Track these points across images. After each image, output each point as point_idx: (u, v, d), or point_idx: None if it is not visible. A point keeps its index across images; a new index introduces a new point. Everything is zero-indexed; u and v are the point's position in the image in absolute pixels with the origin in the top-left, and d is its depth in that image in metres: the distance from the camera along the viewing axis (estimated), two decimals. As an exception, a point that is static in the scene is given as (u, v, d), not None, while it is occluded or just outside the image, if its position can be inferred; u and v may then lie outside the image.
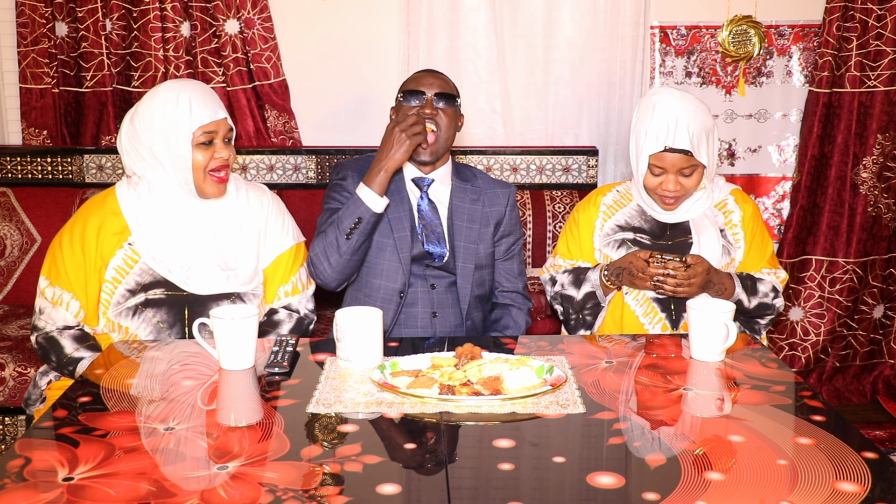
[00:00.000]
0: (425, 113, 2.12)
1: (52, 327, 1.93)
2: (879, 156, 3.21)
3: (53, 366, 1.94)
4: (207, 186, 1.94)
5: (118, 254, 1.92)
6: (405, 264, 2.15)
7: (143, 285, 1.91)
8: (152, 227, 1.93)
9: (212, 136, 1.92)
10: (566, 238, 2.30)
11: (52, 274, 1.93)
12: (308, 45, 3.31)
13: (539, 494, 1.17)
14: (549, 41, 3.32)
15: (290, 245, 2.09)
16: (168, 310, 1.92)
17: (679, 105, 2.06)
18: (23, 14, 3.21)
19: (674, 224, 2.21)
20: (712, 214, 2.21)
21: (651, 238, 2.20)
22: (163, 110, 1.89)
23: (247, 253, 2.00)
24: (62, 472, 1.20)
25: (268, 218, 2.06)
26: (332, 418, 1.40)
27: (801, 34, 3.26)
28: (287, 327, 2.05)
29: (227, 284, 1.95)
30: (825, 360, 3.41)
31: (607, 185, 2.35)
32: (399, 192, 2.19)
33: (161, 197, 1.95)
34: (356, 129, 3.39)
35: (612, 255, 2.20)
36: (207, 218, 1.98)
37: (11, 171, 3.28)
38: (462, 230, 2.20)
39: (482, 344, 1.75)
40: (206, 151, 1.92)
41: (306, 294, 2.11)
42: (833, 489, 1.16)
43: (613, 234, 2.22)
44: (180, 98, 1.90)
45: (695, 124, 2.06)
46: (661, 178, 2.11)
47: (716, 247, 2.14)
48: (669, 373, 1.63)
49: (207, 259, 1.94)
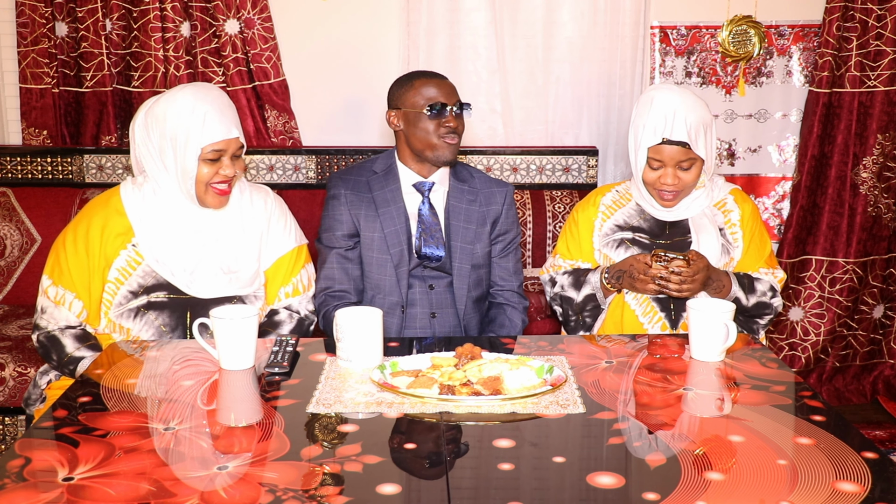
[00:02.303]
0: (450, 126, 2.12)
1: (54, 326, 1.92)
2: (879, 156, 3.21)
3: (54, 364, 1.94)
4: (209, 198, 1.94)
5: (122, 254, 1.92)
6: (403, 278, 2.16)
7: (145, 287, 1.91)
8: (156, 229, 1.93)
9: (220, 153, 1.92)
10: (566, 238, 2.30)
11: (56, 273, 1.93)
12: (308, 45, 3.31)
13: (539, 494, 1.17)
14: (549, 41, 3.32)
15: (291, 247, 2.09)
16: (170, 313, 1.92)
17: (677, 98, 2.07)
18: (23, 14, 3.21)
19: (673, 223, 2.21)
20: (711, 214, 2.21)
21: (650, 237, 2.20)
22: (177, 118, 1.88)
23: (248, 255, 2.00)
24: (62, 472, 1.20)
25: (270, 219, 2.06)
26: (332, 418, 1.40)
27: (801, 34, 3.26)
28: (288, 328, 2.05)
29: (228, 287, 1.95)
30: (825, 360, 3.41)
31: (607, 186, 2.35)
32: (396, 201, 2.18)
33: (165, 199, 1.95)
34: (356, 129, 3.39)
35: (611, 255, 2.20)
36: (211, 222, 1.98)
37: (11, 171, 3.28)
38: (459, 230, 2.21)
39: (482, 344, 1.75)
40: (212, 167, 1.91)
41: (307, 295, 2.12)
42: (833, 489, 1.16)
43: (612, 233, 2.22)
44: (196, 110, 1.88)
45: (693, 117, 2.06)
46: (659, 171, 2.11)
47: (715, 245, 2.14)
48: (669, 373, 1.63)
49: (210, 263, 1.94)
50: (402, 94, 2.17)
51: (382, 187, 2.20)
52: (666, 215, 2.20)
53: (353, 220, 2.18)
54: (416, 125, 2.13)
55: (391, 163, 2.24)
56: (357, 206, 2.19)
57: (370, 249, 2.18)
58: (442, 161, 2.15)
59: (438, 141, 2.12)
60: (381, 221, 2.17)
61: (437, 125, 2.12)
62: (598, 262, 2.24)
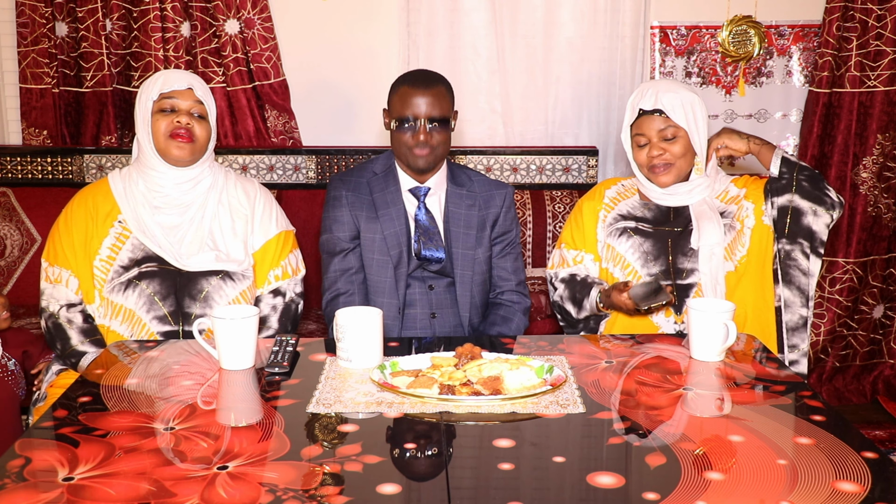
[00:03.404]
0: (419, 140, 2.12)
1: (55, 305, 2.00)
2: (879, 156, 3.21)
3: (58, 353, 2.01)
4: (171, 149, 2.03)
5: (111, 233, 2.01)
6: (401, 279, 2.16)
7: (136, 261, 1.99)
8: (140, 203, 2.03)
9: (171, 103, 2.03)
10: (570, 227, 2.31)
11: (51, 255, 2.03)
12: (308, 45, 3.31)
13: (539, 494, 1.17)
14: (549, 41, 3.32)
15: (276, 232, 2.14)
16: (161, 281, 1.98)
17: (657, 80, 2.11)
18: (23, 14, 3.21)
19: (676, 212, 2.20)
20: (713, 203, 2.21)
21: (653, 225, 2.19)
22: (146, 83, 2.09)
23: (234, 237, 2.07)
24: (62, 472, 1.20)
25: (255, 207, 2.13)
26: (332, 418, 1.40)
27: (801, 34, 3.26)
28: (275, 318, 2.09)
29: (216, 263, 2.01)
30: (825, 360, 3.41)
31: (613, 179, 2.36)
32: (395, 204, 2.19)
33: (147, 175, 2.05)
34: (356, 129, 3.39)
35: (614, 245, 2.19)
36: (194, 195, 2.07)
37: (11, 171, 3.28)
38: (459, 236, 2.20)
39: (482, 344, 1.75)
40: (167, 118, 2.03)
41: (295, 279, 2.16)
42: (833, 489, 1.16)
43: (616, 222, 2.22)
44: (156, 75, 2.09)
45: (670, 94, 2.12)
46: (645, 148, 2.16)
47: (716, 229, 2.14)
48: (669, 373, 1.63)
49: (194, 236, 2.03)
50: (390, 98, 2.20)
51: (382, 189, 2.20)
52: (668, 201, 2.20)
53: (353, 221, 2.19)
54: (393, 133, 2.17)
55: (391, 164, 2.24)
56: (358, 207, 2.19)
57: (370, 251, 2.18)
58: (415, 169, 2.17)
59: (408, 151, 2.14)
60: (380, 223, 2.17)
61: (407, 136, 2.13)
62: (600, 255, 2.24)
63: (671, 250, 2.16)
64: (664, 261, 2.15)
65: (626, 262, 2.17)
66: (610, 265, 2.20)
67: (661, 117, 2.12)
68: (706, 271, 2.12)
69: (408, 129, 2.12)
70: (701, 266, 2.12)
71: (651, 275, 2.14)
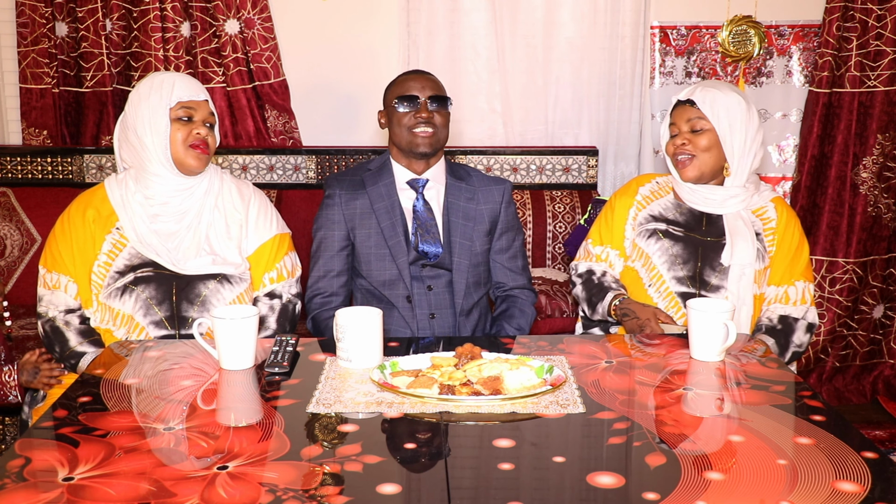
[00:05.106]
0: (422, 117, 2.15)
1: (54, 311, 1.99)
2: (879, 156, 3.21)
3: (56, 356, 2.00)
4: (189, 158, 2.01)
5: (108, 239, 2.00)
6: (404, 269, 2.16)
7: (131, 266, 1.98)
8: (137, 211, 2.01)
9: (190, 112, 2.01)
10: (600, 223, 2.30)
11: (49, 262, 2.02)
12: (308, 45, 3.31)
13: (539, 494, 1.17)
14: (549, 41, 3.32)
15: (271, 235, 2.14)
16: (157, 286, 1.97)
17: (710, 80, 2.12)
18: (23, 14, 3.21)
19: (709, 219, 2.17)
20: (749, 219, 2.16)
21: (685, 230, 2.16)
22: (149, 88, 2.01)
23: (230, 241, 2.06)
24: (62, 472, 1.20)
25: (249, 209, 2.12)
26: (332, 418, 1.40)
27: (801, 34, 3.26)
28: (272, 319, 2.09)
29: (213, 267, 2.01)
30: (825, 360, 3.41)
31: (648, 175, 2.34)
32: (390, 196, 2.20)
33: (146, 183, 2.02)
34: (356, 129, 3.39)
35: (642, 245, 2.18)
36: (191, 202, 2.05)
37: (11, 171, 3.28)
38: (458, 227, 2.21)
39: (482, 344, 1.75)
40: (185, 128, 2.00)
41: (290, 280, 2.16)
42: (833, 489, 1.16)
43: (646, 223, 2.20)
44: (165, 79, 2.02)
45: (709, 89, 2.14)
46: (675, 138, 2.18)
47: (749, 250, 2.10)
48: (669, 373, 1.63)
49: (191, 241, 2.02)
50: (386, 93, 2.24)
51: (376, 182, 2.21)
52: (701, 206, 2.17)
53: (345, 221, 2.20)
54: (393, 119, 2.19)
55: (385, 160, 2.26)
56: (351, 204, 2.20)
57: (368, 245, 2.18)
58: (419, 153, 2.18)
59: (410, 133, 2.16)
60: (376, 217, 2.18)
61: (409, 117, 2.16)
62: (626, 252, 2.23)
63: (700, 258, 2.13)
64: (692, 267, 2.13)
65: (653, 265, 2.16)
66: (637, 264, 2.19)
67: (692, 108, 2.14)
68: (734, 291, 2.09)
69: (409, 108, 2.15)
70: (730, 285, 2.09)
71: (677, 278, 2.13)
